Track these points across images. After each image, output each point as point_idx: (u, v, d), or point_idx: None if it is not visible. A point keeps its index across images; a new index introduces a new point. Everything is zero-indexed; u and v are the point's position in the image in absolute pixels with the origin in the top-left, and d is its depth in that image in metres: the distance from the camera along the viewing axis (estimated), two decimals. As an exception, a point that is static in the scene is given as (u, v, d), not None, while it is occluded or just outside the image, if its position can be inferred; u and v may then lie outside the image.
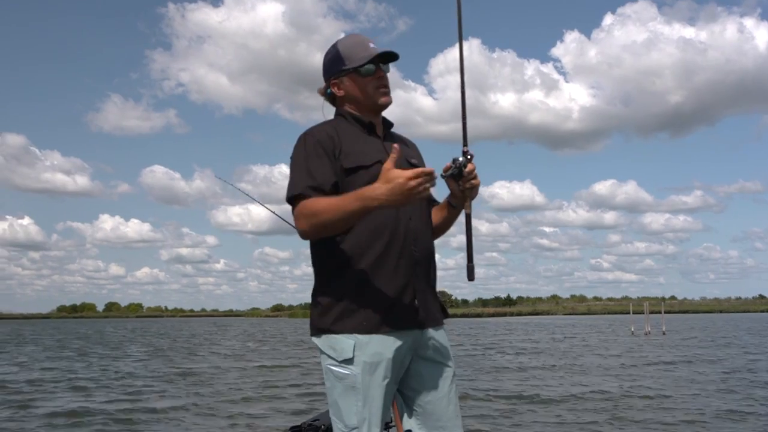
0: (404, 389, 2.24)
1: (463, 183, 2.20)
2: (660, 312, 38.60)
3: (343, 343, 2.10)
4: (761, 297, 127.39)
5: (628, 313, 38.42)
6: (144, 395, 10.41)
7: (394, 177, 1.94)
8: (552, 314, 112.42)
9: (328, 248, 2.16)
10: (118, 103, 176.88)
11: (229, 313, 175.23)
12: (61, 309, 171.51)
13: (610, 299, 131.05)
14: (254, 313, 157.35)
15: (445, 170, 2.18)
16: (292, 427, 3.99)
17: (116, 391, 10.91)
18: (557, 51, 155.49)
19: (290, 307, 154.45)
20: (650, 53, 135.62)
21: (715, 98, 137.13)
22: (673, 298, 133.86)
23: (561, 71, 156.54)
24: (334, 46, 2.31)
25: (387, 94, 2.27)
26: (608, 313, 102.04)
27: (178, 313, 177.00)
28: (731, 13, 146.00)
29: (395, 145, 2.02)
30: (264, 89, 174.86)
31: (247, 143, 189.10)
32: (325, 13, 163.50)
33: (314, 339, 2.20)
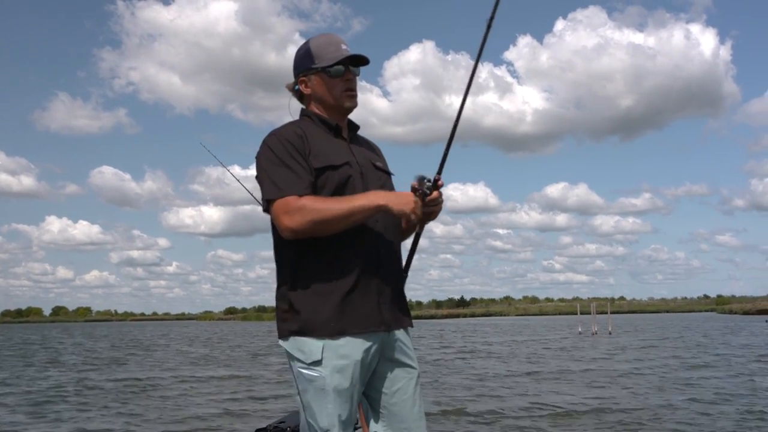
0: (370, 391, 2.25)
1: (424, 205, 2.20)
2: (607, 312, 39.37)
3: (312, 345, 2.11)
4: (706, 297, 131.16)
5: (585, 313, 39.06)
6: (78, 412, 9.75)
7: (410, 196, 2.12)
8: (505, 315, 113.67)
9: (295, 251, 2.16)
10: (65, 101, 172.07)
11: (181, 317, 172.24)
12: (6, 314, 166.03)
13: (561, 300, 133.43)
14: (207, 316, 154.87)
15: (412, 189, 2.18)
16: (258, 430, 3.94)
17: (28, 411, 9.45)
18: (510, 55, 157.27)
19: (243, 309, 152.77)
20: (601, 58, 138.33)
21: (664, 103, 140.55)
22: (622, 298, 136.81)
23: (514, 75, 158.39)
24: (307, 43, 2.31)
25: (353, 97, 2.28)
26: (560, 314, 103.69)
27: (128, 316, 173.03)
28: (678, 19, 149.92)
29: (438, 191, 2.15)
30: (217, 89, 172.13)
31: (199, 144, 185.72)
32: (279, 11, 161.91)
33: (282, 342, 2.20)
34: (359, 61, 2.28)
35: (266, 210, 2.17)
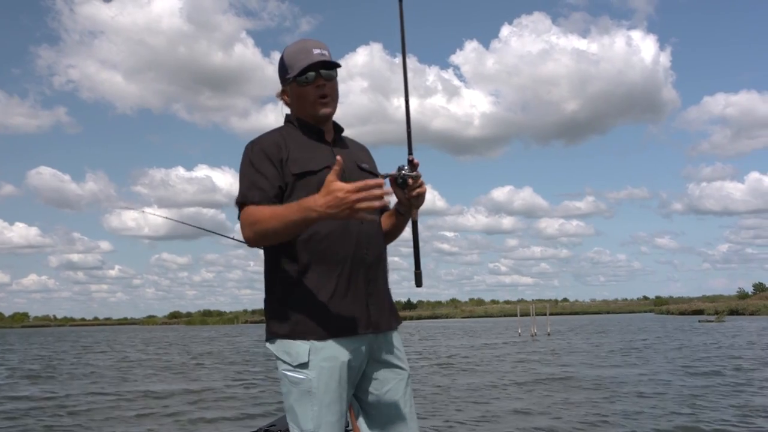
0: (360, 393, 2.26)
1: (408, 191, 2.23)
2: (548, 314, 40.07)
3: (298, 347, 2.11)
4: (645, 298, 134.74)
5: (525, 315, 39.61)
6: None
7: (334, 189, 1.90)
8: (451, 317, 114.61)
9: (282, 253, 2.17)
10: (1, 99, 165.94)
11: (124, 321, 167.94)
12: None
13: (506, 302, 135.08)
14: (150, 321, 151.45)
15: (391, 178, 2.21)
16: None
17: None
18: (457, 58, 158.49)
19: (188, 314, 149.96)
20: (546, 63, 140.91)
21: (607, 108, 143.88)
22: (565, 300, 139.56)
23: (461, 78, 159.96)
24: (282, 53, 2.29)
25: (326, 104, 2.25)
26: (505, 316, 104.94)
27: (67, 322, 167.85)
28: (620, 26, 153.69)
29: (338, 157, 1.98)
30: (161, 88, 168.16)
31: (142, 145, 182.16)
32: (226, 9, 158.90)
33: (268, 345, 2.21)
34: (329, 64, 2.24)
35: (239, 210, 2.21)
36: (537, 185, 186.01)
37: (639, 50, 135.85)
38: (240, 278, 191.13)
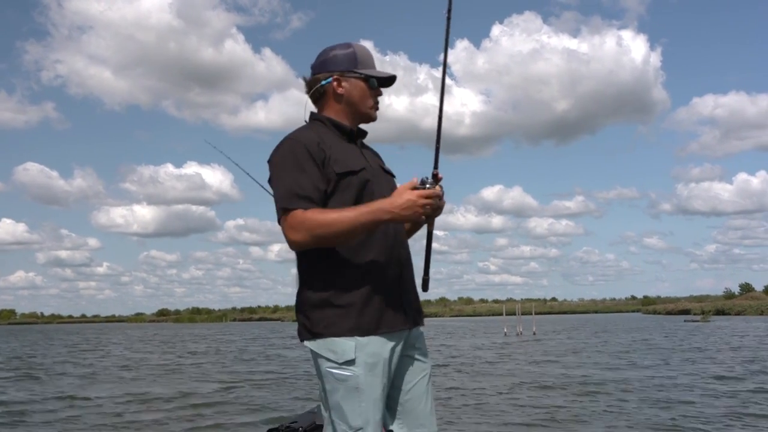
0: (389, 388, 2.29)
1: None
2: (536, 314, 40.33)
3: (344, 345, 2.14)
4: (633, 297, 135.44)
5: (511, 314, 39.84)
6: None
7: (411, 194, 2.11)
8: (440, 316, 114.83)
9: (321, 252, 2.18)
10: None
11: (112, 319, 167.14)
12: None
13: (495, 301, 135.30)
14: (138, 318, 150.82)
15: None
16: (270, 430, 3.80)
17: None
18: (447, 57, 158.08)
19: (177, 311, 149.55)
20: (537, 63, 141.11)
21: (597, 108, 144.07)
22: (554, 299, 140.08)
23: (452, 77, 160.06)
24: (350, 46, 2.38)
25: (377, 110, 2.41)
26: (493, 315, 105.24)
27: (55, 319, 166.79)
28: (611, 25, 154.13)
29: (414, 178, 2.17)
30: (151, 84, 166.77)
31: (131, 141, 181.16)
32: (216, 5, 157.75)
33: (308, 343, 2.21)
34: (389, 82, 2.42)
35: (278, 221, 2.20)
36: (527, 185, 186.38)
37: (629, 50, 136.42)
38: (229, 276, 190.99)
